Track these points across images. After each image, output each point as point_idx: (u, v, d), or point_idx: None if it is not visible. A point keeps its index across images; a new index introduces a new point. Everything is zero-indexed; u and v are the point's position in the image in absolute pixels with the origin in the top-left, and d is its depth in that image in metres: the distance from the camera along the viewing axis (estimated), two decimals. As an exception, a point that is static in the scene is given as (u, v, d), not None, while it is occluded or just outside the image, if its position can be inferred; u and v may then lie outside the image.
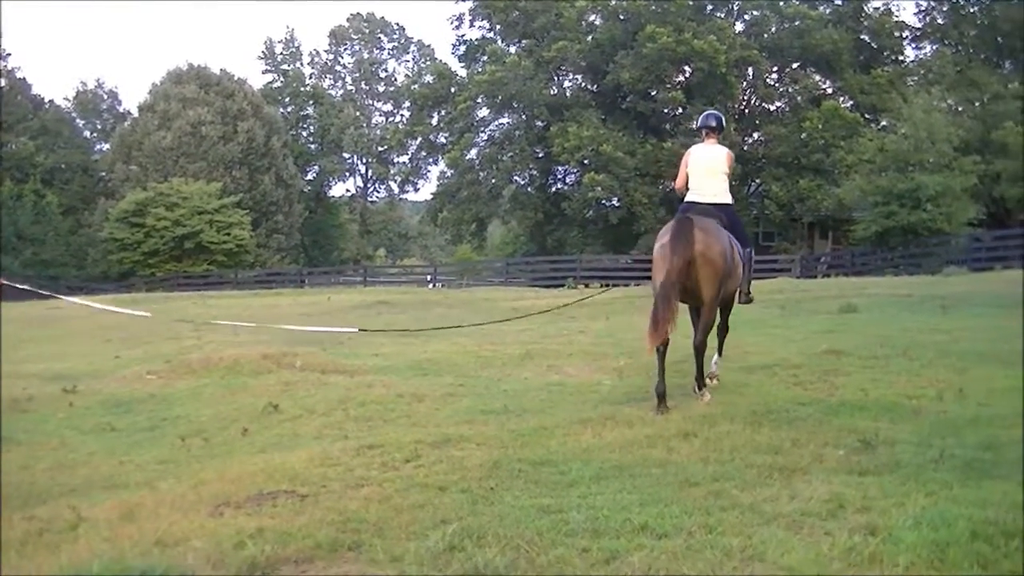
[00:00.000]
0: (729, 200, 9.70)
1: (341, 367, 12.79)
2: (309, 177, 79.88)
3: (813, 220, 54.69)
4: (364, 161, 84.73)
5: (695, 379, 8.98)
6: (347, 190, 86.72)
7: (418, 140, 68.21)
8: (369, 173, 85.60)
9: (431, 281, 50.10)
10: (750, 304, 10.17)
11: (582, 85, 60.49)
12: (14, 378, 12.49)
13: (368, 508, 5.53)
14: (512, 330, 17.02)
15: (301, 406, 10.01)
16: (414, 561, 4.58)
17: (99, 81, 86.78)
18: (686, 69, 55.09)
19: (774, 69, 58.07)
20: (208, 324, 18.85)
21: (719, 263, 8.68)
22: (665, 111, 56.23)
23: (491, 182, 59.29)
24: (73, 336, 20.59)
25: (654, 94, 54.74)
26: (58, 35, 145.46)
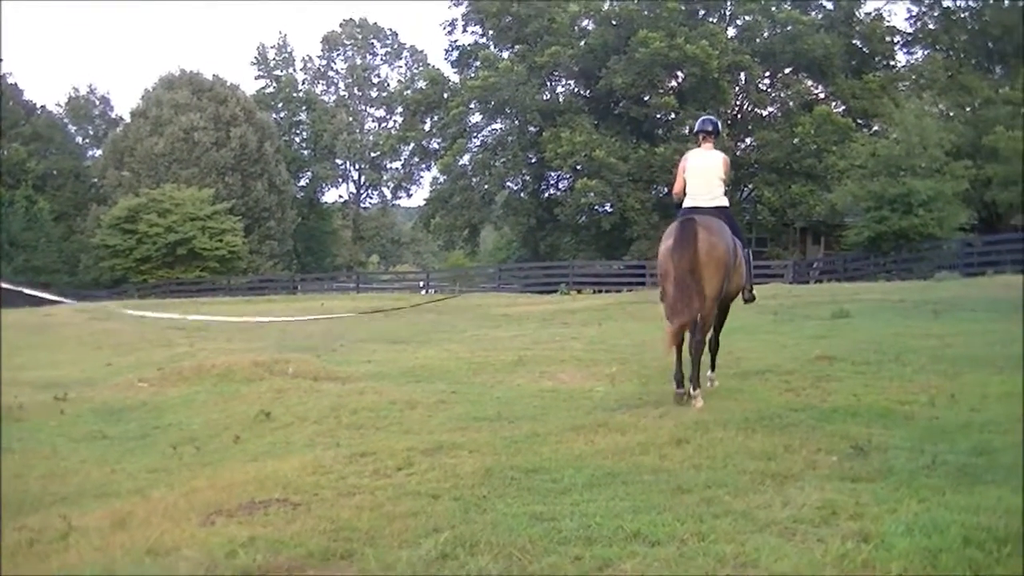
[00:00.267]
0: (726, 203, 9.77)
1: (333, 374, 12.77)
2: (302, 183, 79.99)
3: (805, 225, 54.83)
4: (357, 167, 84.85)
5: (690, 380, 8.98)
6: (340, 196, 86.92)
7: (411, 146, 68.27)
8: (362, 179, 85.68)
9: (424, 287, 50.03)
10: (744, 308, 10.20)
11: (575, 90, 60.50)
12: (7, 386, 12.44)
13: (360, 516, 5.51)
14: (505, 336, 17.07)
15: (293, 413, 10.00)
16: (406, 569, 4.57)
17: (91, 87, 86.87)
18: (679, 74, 55.18)
19: (766, 74, 58.27)
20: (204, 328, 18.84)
21: (723, 260, 8.91)
22: (658, 116, 56.26)
23: (484, 188, 59.24)
24: (65, 343, 20.55)
25: (647, 99, 54.85)
26: (50, 40, 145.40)
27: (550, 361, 13.21)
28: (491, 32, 60.41)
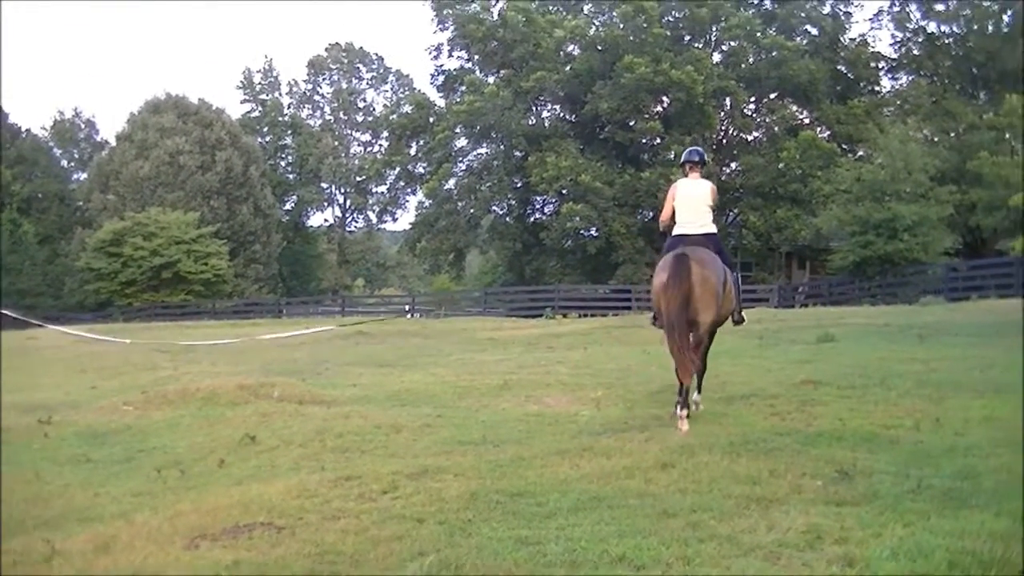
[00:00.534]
0: (714, 230, 10.03)
1: (318, 397, 12.74)
2: (287, 207, 79.98)
3: (791, 250, 55.01)
4: (342, 191, 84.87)
5: (678, 403, 9.06)
6: (325, 220, 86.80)
7: (396, 170, 68.45)
8: (347, 203, 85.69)
9: (409, 311, 49.95)
10: (730, 332, 10.27)
11: (560, 115, 60.66)
12: (-9, 408, 12.38)
13: (345, 540, 5.50)
14: (490, 360, 17.04)
15: (278, 437, 9.95)
16: (391, 594, 4.56)
17: (76, 110, 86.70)
18: (664, 99, 55.33)
19: (751, 99, 58.57)
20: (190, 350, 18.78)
21: (716, 292, 9.17)
22: (643, 141, 56.36)
23: (469, 212, 59.21)
24: (49, 366, 20.45)
25: (632, 124, 54.98)
26: (35, 64, 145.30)
27: (536, 385, 13.20)
28: (477, 57, 60.50)
